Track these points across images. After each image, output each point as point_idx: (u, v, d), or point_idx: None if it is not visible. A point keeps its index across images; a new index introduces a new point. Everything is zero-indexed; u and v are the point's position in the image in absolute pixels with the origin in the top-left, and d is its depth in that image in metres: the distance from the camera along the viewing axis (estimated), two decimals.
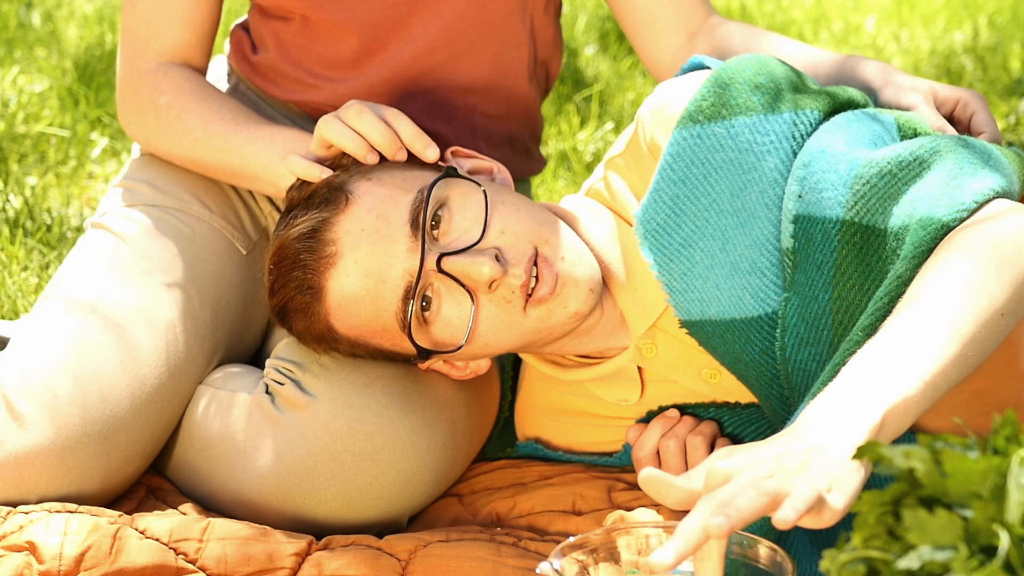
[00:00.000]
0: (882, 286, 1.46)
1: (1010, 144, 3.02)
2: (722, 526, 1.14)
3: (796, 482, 1.18)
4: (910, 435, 1.62)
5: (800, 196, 1.57)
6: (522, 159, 2.06)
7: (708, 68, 1.73)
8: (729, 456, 1.23)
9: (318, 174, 1.68)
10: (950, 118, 1.78)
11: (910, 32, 4.12)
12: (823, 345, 1.59)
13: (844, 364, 1.35)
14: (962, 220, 1.45)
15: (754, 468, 1.20)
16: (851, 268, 1.54)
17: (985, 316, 1.35)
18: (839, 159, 1.56)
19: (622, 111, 3.35)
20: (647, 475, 1.25)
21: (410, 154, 1.70)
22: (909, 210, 1.48)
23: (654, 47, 1.98)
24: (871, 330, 1.42)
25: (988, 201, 1.47)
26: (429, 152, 1.68)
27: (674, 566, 1.15)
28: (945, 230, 1.44)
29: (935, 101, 1.76)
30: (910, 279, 1.43)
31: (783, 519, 1.14)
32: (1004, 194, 1.49)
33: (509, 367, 1.89)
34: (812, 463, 1.20)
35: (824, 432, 1.24)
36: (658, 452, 1.73)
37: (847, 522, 1.59)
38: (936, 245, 1.44)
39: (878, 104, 1.78)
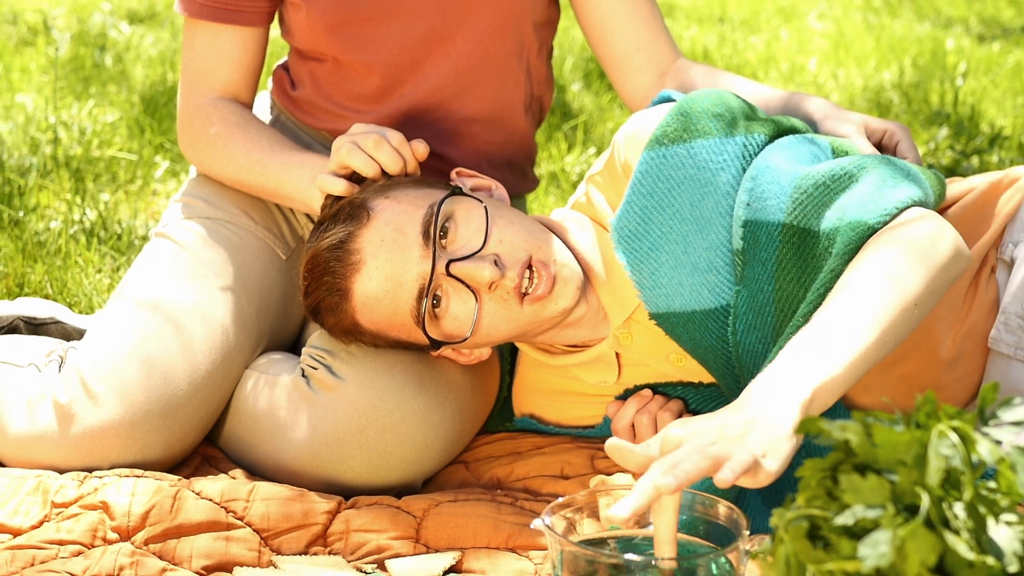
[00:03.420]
0: (818, 279, 1.46)
1: (930, 166, 3.02)
2: (670, 485, 1.16)
3: (735, 448, 1.19)
4: (845, 412, 1.62)
5: (748, 204, 1.57)
6: (519, 179, 2.06)
7: (674, 100, 1.73)
8: (682, 426, 1.24)
9: (349, 189, 1.68)
10: (879, 146, 1.78)
11: (846, 71, 4.12)
12: (767, 330, 1.59)
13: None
14: (886, 223, 1.45)
15: (700, 436, 1.21)
16: (790, 264, 1.54)
17: (901, 307, 1.36)
18: (781, 172, 1.56)
19: (603, 138, 3.35)
20: (612, 444, 1.26)
21: (421, 174, 1.71)
22: (840, 214, 1.49)
23: (630, 84, 1.98)
24: (809, 317, 1.42)
25: (907, 208, 1.47)
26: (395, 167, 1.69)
27: (630, 519, 1.16)
28: (871, 231, 1.45)
29: (866, 131, 1.76)
30: (841, 272, 1.43)
31: (723, 479, 1.16)
32: (921, 203, 1.50)
33: (507, 354, 1.89)
34: (751, 432, 1.21)
35: (762, 406, 1.24)
36: (633, 425, 1.73)
37: (792, 485, 1.60)
38: (863, 244, 1.45)
39: (818, 133, 1.78)
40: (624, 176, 1.68)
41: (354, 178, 1.71)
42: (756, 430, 1.21)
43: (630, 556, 1.23)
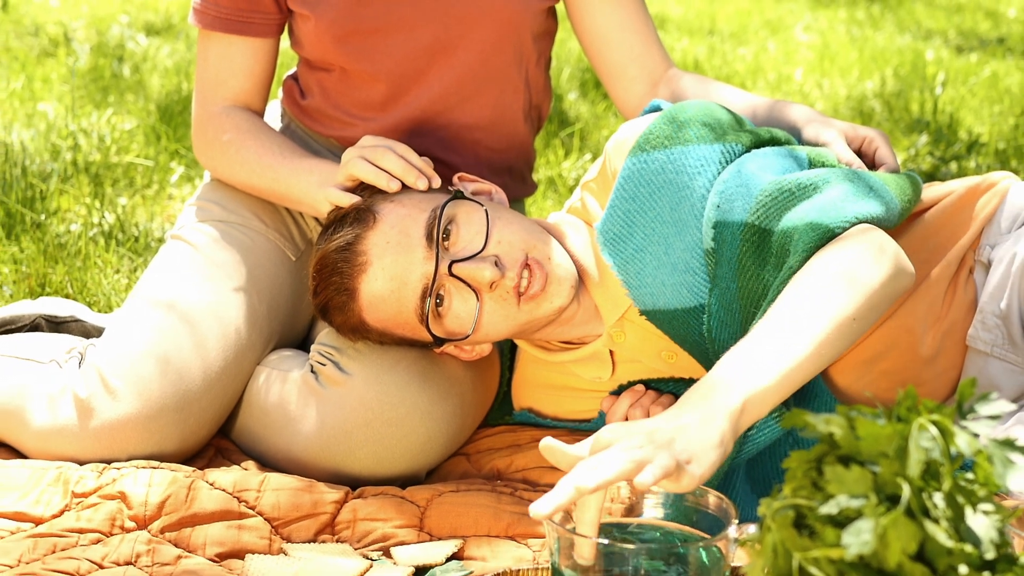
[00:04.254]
0: (778, 277, 1.46)
1: (910, 171, 3.02)
2: (587, 484, 1.13)
3: (659, 453, 1.17)
4: (832, 405, 1.62)
5: (718, 206, 1.57)
6: (518, 184, 2.06)
7: (663, 110, 1.73)
8: (614, 429, 1.22)
9: (351, 202, 1.68)
10: (859, 152, 1.78)
11: (830, 81, 4.12)
12: (736, 325, 1.59)
13: None
14: (845, 229, 1.45)
15: (629, 439, 1.19)
16: (749, 261, 1.54)
17: (838, 321, 1.35)
18: (751, 178, 1.57)
19: (598, 145, 3.35)
20: (546, 444, 1.23)
21: None
22: (800, 215, 1.49)
23: (624, 93, 1.98)
24: None
25: (863, 222, 1.47)
26: (421, 184, 1.66)
27: (550, 516, 1.13)
28: (830, 234, 1.44)
29: (847, 138, 1.77)
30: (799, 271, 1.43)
31: (641, 483, 1.14)
32: (880, 219, 1.50)
33: (507, 351, 1.89)
34: (678, 439, 1.20)
35: (694, 413, 1.23)
36: (627, 419, 1.73)
37: (779, 475, 1.60)
38: (822, 246, 1.44)
39: (801, 140, 1.78)
40: (614, 182, 1.68)
41: (361, 189, 1.71)
42: (684, 437, 1.20)
43: (623, 544, 1.23)
